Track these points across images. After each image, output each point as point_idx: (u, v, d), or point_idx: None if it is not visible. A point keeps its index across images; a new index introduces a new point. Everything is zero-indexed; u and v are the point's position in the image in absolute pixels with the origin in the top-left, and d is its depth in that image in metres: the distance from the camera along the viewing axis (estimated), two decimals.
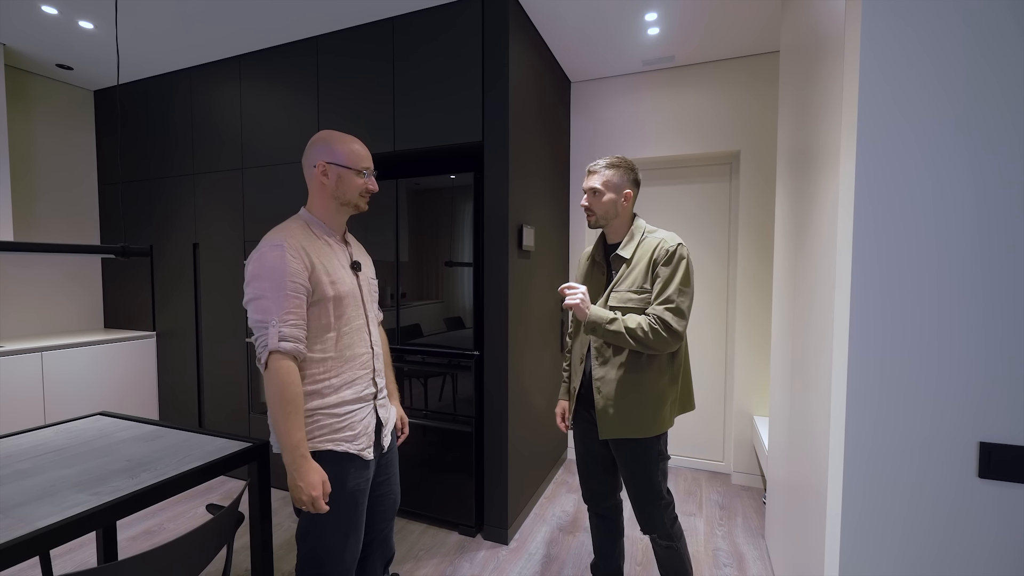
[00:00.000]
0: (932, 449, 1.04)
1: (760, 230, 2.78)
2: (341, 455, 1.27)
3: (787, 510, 1.79)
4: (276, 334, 1.15)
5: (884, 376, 1.07)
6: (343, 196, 1.32)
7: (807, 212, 1.58)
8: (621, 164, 1.53)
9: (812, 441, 1.43)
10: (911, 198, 1.04)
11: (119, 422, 1.76)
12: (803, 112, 1.68)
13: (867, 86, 1.07)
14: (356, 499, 1.30)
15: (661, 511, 1.53)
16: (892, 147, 1.05)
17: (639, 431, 1.47)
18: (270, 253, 1.19)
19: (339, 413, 1.28)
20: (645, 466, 1.51)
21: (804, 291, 1.60)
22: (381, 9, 2.30)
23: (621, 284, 1.49)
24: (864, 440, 1.09)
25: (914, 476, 1.06)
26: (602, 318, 1.42)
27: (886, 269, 1.06)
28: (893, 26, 1.04)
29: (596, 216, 1.54)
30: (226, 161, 2.88)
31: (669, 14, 2.35)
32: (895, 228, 1.05)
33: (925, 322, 1.03)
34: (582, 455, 1.67)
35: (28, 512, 1.08)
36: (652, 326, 1.39)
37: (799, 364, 1.65)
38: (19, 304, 3.03)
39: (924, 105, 1.02)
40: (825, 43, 1.38)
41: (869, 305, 1.08)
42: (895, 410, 1.07)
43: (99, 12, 2.35)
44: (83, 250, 1.58)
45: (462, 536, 2.31)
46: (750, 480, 2.87)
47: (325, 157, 1.29)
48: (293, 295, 1.18)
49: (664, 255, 1.45)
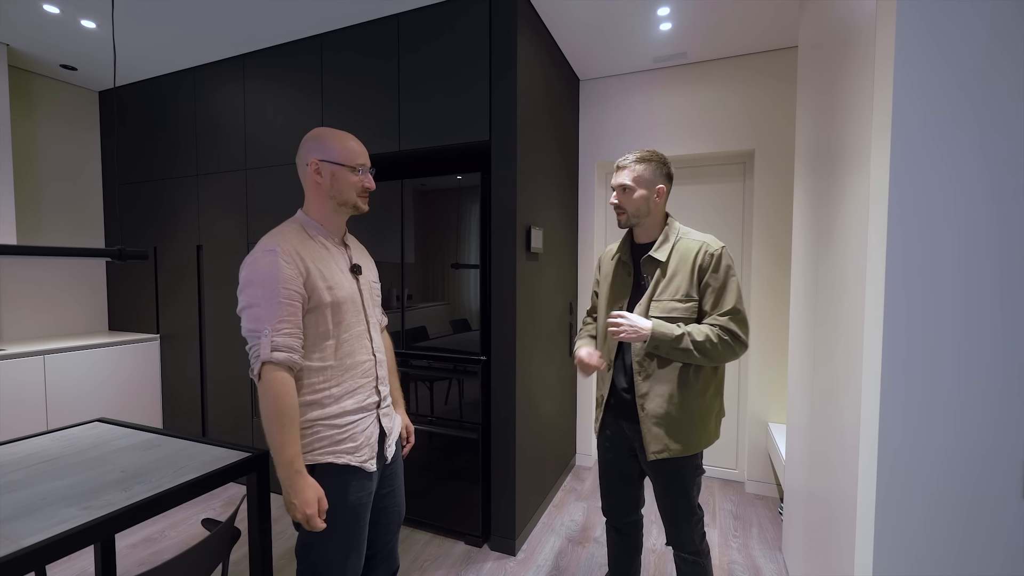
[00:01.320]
0: (972, 465, 0.97)
1: (775, 232, 2.70)
2: (342, 468, 1.21)
3: (808, 522, 1.71)
4: (268, 344, 1.09)
5: (921, 386, 1.00)
6: (339, 195, 1.25)
7: (832, 213, 1.50)
8: (652, 158, 1.43)
9: (839, 451, 1.36)
10: (948, 198, 0.98)
11: (117, 429, 1.71)
12: (826, 110, 1.61)
13: (902, 82, 1.00)
14: (358, 513, 1.24)
15: (692, 526, 1.45)
16: (927, 145, 0.99)
17: (688, 449, 1.39)
18: (263, 259, 1.13)
19: (340, 424, 1.21)
20: (683, 482, 1.43)
21: (828, 295, 1.53)
22: (386, 6, 2.25)
23: (662, 293, 1.39)
24: (899, 453, 1.03)
25: (952, 492, 0.99)
26: (667, 335, 1.32)
27: (922, 273, 0.99)
28: (928, 21, 0.99)
29: (627, 214, 1.45)
30: (230, 161, 2.84)
31: (682, 8, 2.28)
32: (931, 230, 0.99)
33: (966, 330, 0.96)
34: (608, 468, 1.58)
35: (15, 529, 1.03)
36: (721, 337, 1.31)
37: (822, 370, 1.58)
38: (22, 306, 3.00)
39: (960, 102, 0.96)
40: (854, 39, 1.31)
41: (904, 311, 1.01)
42: (932, 423, 1.00)
43: (101, 11, 2.32)
44: (79, 253, 1.54)
45: (468, 546, 2.25)
46: (765, 489, 2.79)
47: (318, 155, 1.23)
48: (287, 302, 1.12)
49: (711, 261, 1.36)
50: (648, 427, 1.40)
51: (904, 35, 1.00)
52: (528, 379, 2.32)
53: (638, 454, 1.49)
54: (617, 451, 1.54)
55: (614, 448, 1.54)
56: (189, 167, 2.99)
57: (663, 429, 1.38)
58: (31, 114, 3.03)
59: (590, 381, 3.14)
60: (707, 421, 1.41)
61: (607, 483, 1.59)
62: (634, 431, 1.46)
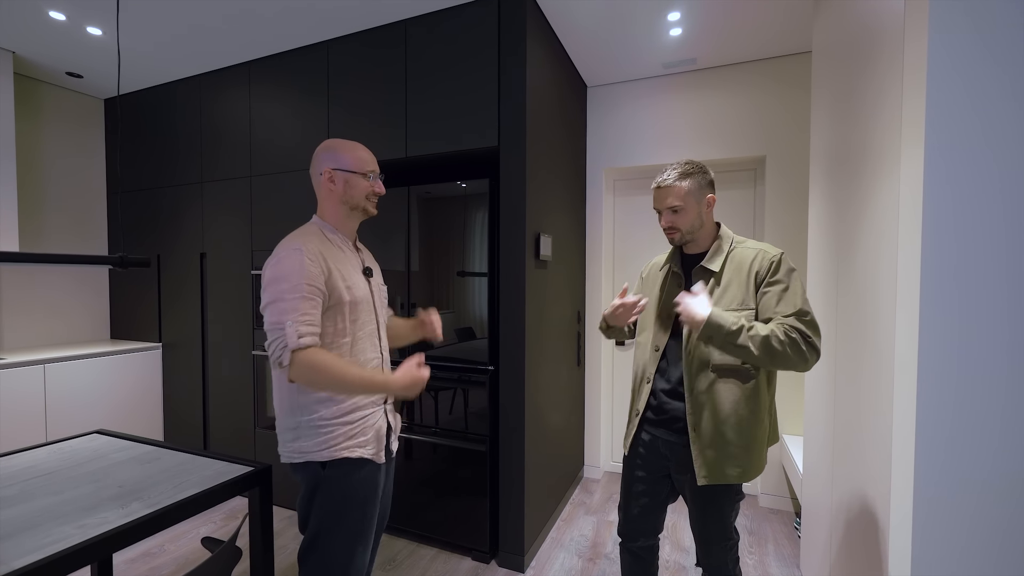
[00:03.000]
0: (1014, 486, 0.92)
1: (788, 239, 2.65)
2: (356, 461, 1.25)
3: (833, 539, 1.64)
4: (295, 332, 1.12)
5: (959, 404, 0.95)
6: (351, 200, 1.32)
7: (855, 221, 1.45)
8: (694, 170, 1.36)
9: (867, 468, 1.30)
10: (985, 204, 0.94)
11: (116, 442, 1.67)
12: (846, 115, 1.56)
13: (935, 85, 0.96)
14: (366, 510, 1.27)
15: (727, 551, 1.37)
16: (961, 149, 0.95)
17: (743, 477, 1.30)
18: (288, 257, 1.18)
19: (353, 419, 1.25)
20: (722, 506, 1.34)
21: (852, 305, 1.47)
22: (394, 11, 2.23)
23: (717, 304, 1.30)
24: (937, 473, 0.98)
25: (993, 514, 0.93)
26: (725, 324, 1.18)
27: (959, 283, 0.95)
28: (961, 22, 0.95)
29: (681, 232, 1.37)
30: (234, 168, 2.81)
31: (693, 13, 2.25)
32: (968, 237, 0.94)
33: (1009, 344, 0.91)
34: (635, 488, 1.47)
35: (7, 549, 0.98)
36: (789, 335, 1.17)
37: (847, 385, 1.52)
38: (23, 314, 2.97)
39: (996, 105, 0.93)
40: (877, 42, 1.27)
41: (940, 324, 0.96)
42: (972, 442, 0.95)
43: (107, 18, 2.30)
44: (81, 260, 1.50)
45: (475, 562, 2.18)
46: (779, 503, 2.71)
47: (331, 164, 1.31)
48: (310, 297, 1.17)
49: (771, 266, 1.28)
50: (699, 451, 1.30)
51: (938, 36, 0.96)
52: (537, 389, 2.27)
53: (673, 474, 1.41)
54: (649, 470, 1.45)
55: (646, 467, 1.45)
56: (193, 174, 2.96)
57: (718, 453, 1.29)
58: (35, 121, 3.02)
59: (597, 391, 3.08)
60: (762, 447, 1.32)
61: (630, 503, 1.49)
62: (671, 450, 1.38)
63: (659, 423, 1.41)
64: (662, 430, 1.40)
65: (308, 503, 1.24)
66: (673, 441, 1.37)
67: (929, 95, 0.97)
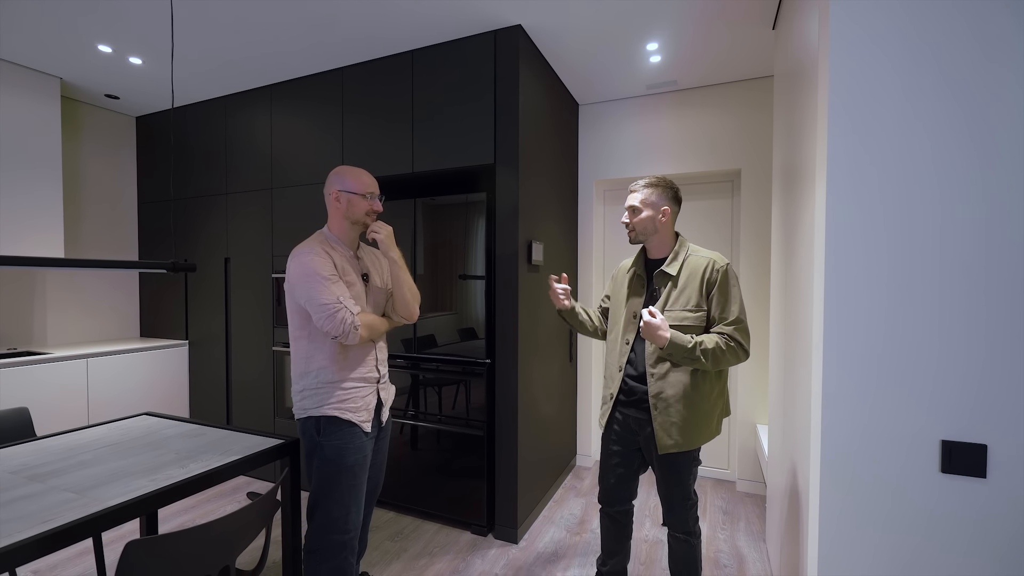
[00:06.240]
0: (899, 448, 1.14)
1: (759, 244, 2.89)
2: (344, 423, 1.54)
3: (781, 512, 1.88)
4: (349, 315, 1.47)
5: (854, 380, 1.17)
6: (352, 216, 1.64)
7: (794, 228, 1.70)
8: (659, 184, 1.63)
9: (797, 445, 1.54)
10: (878, 211, 1.13)
11: (164, 421, 1.94)
12: (791, 135, 1.81)
13: (835, 107, 1.17)
14: (355, 472, 1.56)
15: (687, 510, 1.64)
16: (858, 169, 1.15)
17: (693, 443, 1.57)
18: (306, 258, 1.52)
19: (346, 387, 1.57)
20: (681, 471, 1.61)
21: (792, 303, 1.72)
22: (402, 44, 2.50)
23: (675, 303, 1.57)
24: (838, 442, 1.19)
25: (883, 474, 1.15)
26: (683, 344, 1.48)
27: (853, 283, 1.17)
28: (860, 49, 1.14)
29: (636, 232, 1.65)
30: (256, 181, 3.10)
31: (668, 44, 2.50)
32: (861, 246, 1.17)
33: (889, 332, 1.14)
34: (611, 458, 1.73)
35: (100, 494, 1.25)
36: (728, 344, 1.49)
37: (788, 372, 1.76)
38: (64, 313, 3.26)
39: (891, 124, 1.12)
40: (808, 69, 1.47)
41: (837, 317, 1.19)
42: (864, 411, 1.17)
43: (147, 51, 2.59)
44: (137, 266, 1.77)
45: (474, 535, 2.44)
46: (754, 487, 2.94)
47: (338, 186, 1.63)
48: (337, 280, 1.52)
49: (719, 275, 1.54)
50: (660, 425, 1.57)
51: (837, 66, 1.16)
52: (530, 382, 2.52)
53: (642, 447, 1.67)
54: (622, 444, 1.71)
55: (620, 441, 1.71)
56: (219, 186, 3.25)
57: (675, 427, 1.56)
58: (75, 138, 3.32)
59: (588, 386, 3.32)
60: (711, 419, 1.60)
61: (608, 473, 1.76)
62: (639, 426, 1.64)
63: (629, 403, 1.67)
64: (632, 409, 1.66)
65: (308, 465, 1.57)
66: (642, 418, 1.63)
67: (831, 120, 1.16)
